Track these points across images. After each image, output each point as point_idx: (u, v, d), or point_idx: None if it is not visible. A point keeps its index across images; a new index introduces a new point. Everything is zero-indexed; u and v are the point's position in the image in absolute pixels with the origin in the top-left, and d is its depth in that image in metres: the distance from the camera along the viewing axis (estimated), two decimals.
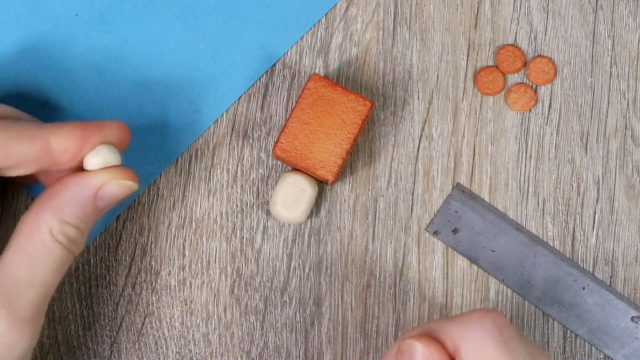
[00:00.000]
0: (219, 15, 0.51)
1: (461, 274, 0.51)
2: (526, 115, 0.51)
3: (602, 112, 0.51)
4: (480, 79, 0.51)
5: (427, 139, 0.51)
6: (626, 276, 0.51)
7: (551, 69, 0.51)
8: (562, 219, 0.51)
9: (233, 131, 0.51)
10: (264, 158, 0.51)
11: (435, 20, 0.52)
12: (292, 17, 0.51)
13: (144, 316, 0.50)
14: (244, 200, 0.51)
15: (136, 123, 0.51)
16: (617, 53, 0.52)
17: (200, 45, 0.51)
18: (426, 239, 0.51)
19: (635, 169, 0.51)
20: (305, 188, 0.49)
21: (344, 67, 0.51)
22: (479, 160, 0.51)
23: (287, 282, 0.51)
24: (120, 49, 0.51)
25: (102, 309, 0.50)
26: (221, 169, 0.51)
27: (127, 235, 0.50)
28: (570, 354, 0.51)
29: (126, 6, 0.51)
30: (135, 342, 0.50)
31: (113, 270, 0.50)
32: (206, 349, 0.50)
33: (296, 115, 0.48)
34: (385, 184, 0.51)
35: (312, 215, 0.51)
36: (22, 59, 0.50)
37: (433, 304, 0.51)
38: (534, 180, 0.51)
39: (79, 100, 0.51)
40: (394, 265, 0.51)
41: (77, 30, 0.51)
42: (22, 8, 0.51)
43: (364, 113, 0.48)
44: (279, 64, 0.51)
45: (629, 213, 0.51)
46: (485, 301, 0.51)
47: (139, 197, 0.51)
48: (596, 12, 0.52)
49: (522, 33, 0.52)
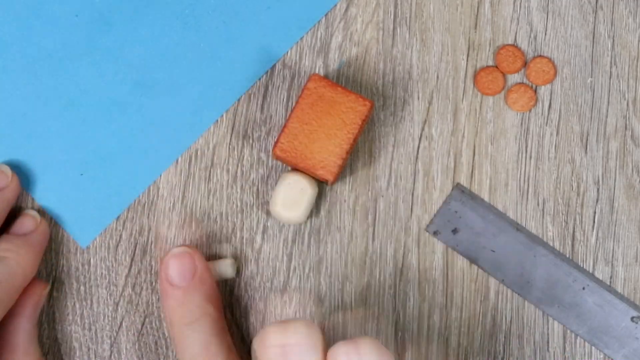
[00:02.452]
0: (219, 16, 0.51)
1: (461, 274, 0.51)
2: (526, 115, 0.51)
3: (602, 112, 0.51)
4: (480, 79, 0.51)
5: (427, 139, 0.51)
6: (626, 276, 0.51)
7: (551, 69, 0.51)
8: (562, 219, 0.51)
9: (233, 131, 0.51)
10: (264, 158, 0.51)
11: (435, 20, 0.52)
12: (292, 18, 0.51)
13: (144, 316, 0.50)
14: (244, 200, 0.51)
15: (136, 123, 0.51)
16: (617, 53, 0.52)
17: (200, 45, 0.51)
18: (426, 239, 0.51)
19: (635, 169, 0.51)
20: (305, 188, 0.49)
21: (344, 67, 0.51)
22: (479, 160, 0.51)
23: (287, 282, 0.51)
24: (120, 49, 0.51)
25: (102, 309, 0.50)
26: (221, 169, 0.51)
27: (127, 235, 0.50)
28: (570, 354, 0.51)
29: (126, 6, 0.51)
30: (135, 342, 0.50)
31: (113, 270, 0.50)
32: None
33: (296, 115, 0.48)
34: (385, 184, 0.51)
35: (312, 215, 0.51)
36: (22, 59, 0.50)
37: (433, 304, 0.51)
38: (534, 180, 0.51)
39: (79, 100, 0.51)
40: (394, 265, 0.51)
41: (77, 30, 0.51)
42: (22, 8, 0.51)
43: (364, 113, 0.48)
44: (279, 64, 0.51)
45: (629, 213, 0.51)
46: (485, 301, 0.51)
47: (139, 197, 0.51)
48: (596, 12, 0.52)
49: (522, 33, 0.52)
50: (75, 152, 0.50)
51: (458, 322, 0.51)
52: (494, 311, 0.51)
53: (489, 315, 0.51)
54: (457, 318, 0.51)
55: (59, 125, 0.50)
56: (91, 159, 0.50)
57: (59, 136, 0.50)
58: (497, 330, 0.51)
